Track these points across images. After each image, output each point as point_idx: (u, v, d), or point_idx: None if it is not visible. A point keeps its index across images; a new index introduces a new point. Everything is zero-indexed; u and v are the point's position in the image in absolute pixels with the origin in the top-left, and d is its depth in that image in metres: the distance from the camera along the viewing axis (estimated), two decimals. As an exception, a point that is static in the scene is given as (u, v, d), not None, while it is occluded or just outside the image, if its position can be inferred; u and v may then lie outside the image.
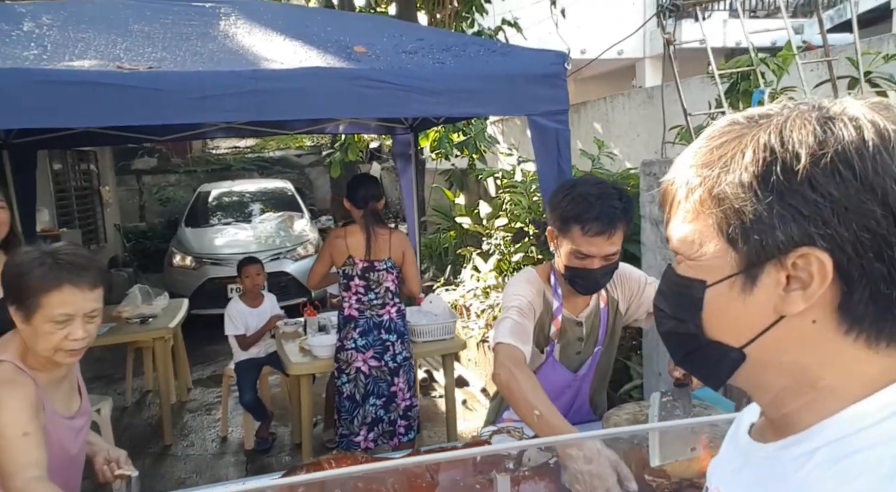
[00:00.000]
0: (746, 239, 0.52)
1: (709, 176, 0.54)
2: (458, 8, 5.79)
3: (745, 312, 0.55)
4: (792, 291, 0.52)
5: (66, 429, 1.50)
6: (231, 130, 4.64)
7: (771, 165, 0.51)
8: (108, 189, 9.09)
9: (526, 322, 1.66)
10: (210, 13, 2.75)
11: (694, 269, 0.57)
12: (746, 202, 0.52)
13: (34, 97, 1.90)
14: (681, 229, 0.58)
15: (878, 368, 0.53)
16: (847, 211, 0.49)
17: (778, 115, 0.53)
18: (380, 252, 3.06)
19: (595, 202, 1.54)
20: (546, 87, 2.45)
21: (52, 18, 2.46)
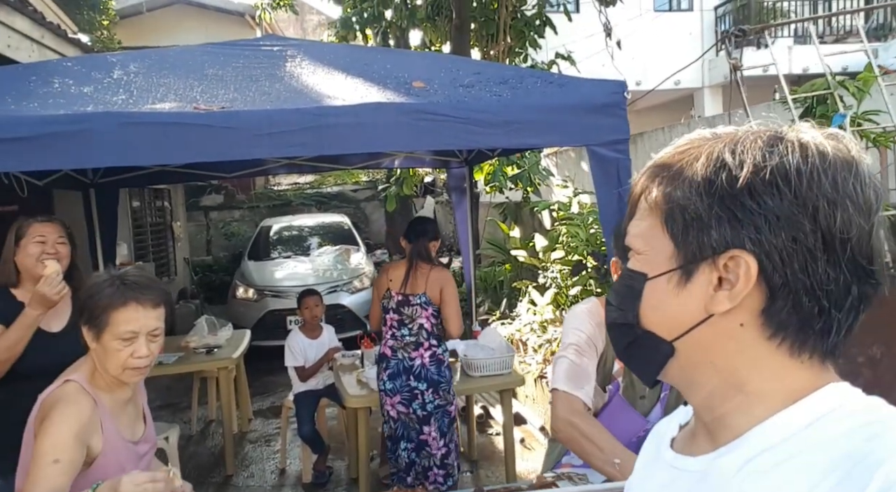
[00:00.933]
0: (686, 237, 0.57)
1: (664, 176, 0.59)
2: (511, 43, 5.89)
3: (677, 306, 0.58)
4: (721, 290, 0.55)
5: (129, 453, 1.56)
6: (292, 167, 4.84)
7: (718, 171, 0.55)
8: (179, 224, 9.57)
9: (585, 361, 1.57)
10: (277, 56, 2.90)
11: (640, 263, 0.62)
12: (690, 202, 0.56)
13: (121, 138, 2.04)
14: (635, 225, 0.62)
15: (805, 377, 0.56)
16: (779, 220, 0.53)
17: (734, 133, 0.58)
18: (416, 287, 2.99)
19: None
20: (606, 117, 2.43)
21: (139, 66, 2.66)
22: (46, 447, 1.36)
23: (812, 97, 2.90)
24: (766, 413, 0.55)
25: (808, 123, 0.59)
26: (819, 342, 0.55)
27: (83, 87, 2.30)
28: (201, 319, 4.42)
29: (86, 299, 1.51)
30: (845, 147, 0.56)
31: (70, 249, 2.21)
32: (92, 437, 1.45)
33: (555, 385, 1.54)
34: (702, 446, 0.60)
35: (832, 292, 0.54)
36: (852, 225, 0.53)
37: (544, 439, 4.21)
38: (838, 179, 0.53)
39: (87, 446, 1.44)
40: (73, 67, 2.54)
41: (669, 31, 10.38)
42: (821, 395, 0.55)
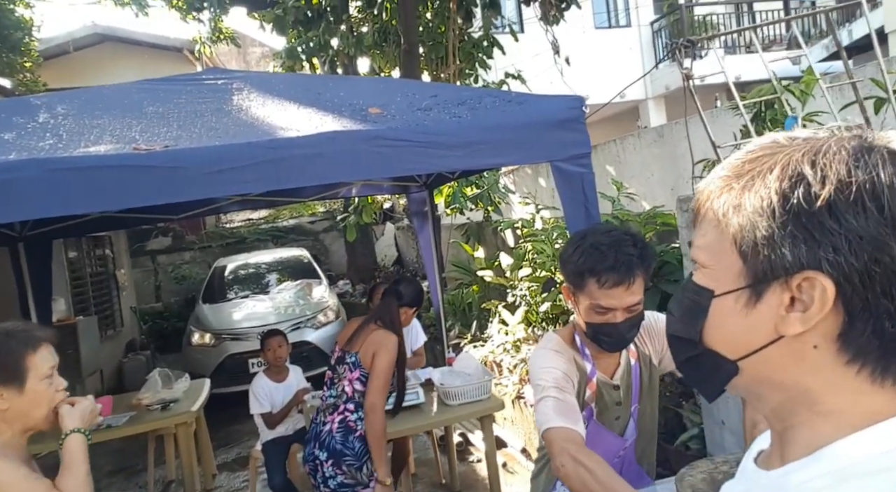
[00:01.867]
0: (756, 254, 0.53)
1: (734, 187, 0.55)
2: (461, 65, 5.89)
3: (745, 326, 0.55)
4: (793, 312, 0.52)
5: None
6: (245, 203, 4.64)
7: (795, 186, 0.51)
8: (124, 272, 9.12)
9: (568, 397, 1.50)
10: (223, 89, 2.75)
11: (706, 278, 0.58)
12: (762, 218, 0.52)
13: (49, 186, 1.86)
14: (700, 237, 0.59)
15: (885, 402, 0.52)
16: (862, 240, 0.49)
17: (817, 140, 0.54)
18: (354, 345, 2.62)
19: (608, 252, 1.45)
20: (566, 132, 2.39)
21: (67, 108, 2.47)
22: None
23: (760, 102, 2.96)
24: (837, 433, 0.52)
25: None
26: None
27: (3, 133, 2.10)
28: (154, 373, 4.12)
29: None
30: None
31: None
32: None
33: (549, 425, 1.44)
34: (774, 462, 0.58)
35: None
36: None
37: (527, 462, 4.10)
38: None
39: None
40: (-8, 113, 2.33)
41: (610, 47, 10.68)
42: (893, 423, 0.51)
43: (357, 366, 2.57)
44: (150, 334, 9.24)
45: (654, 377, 1.74)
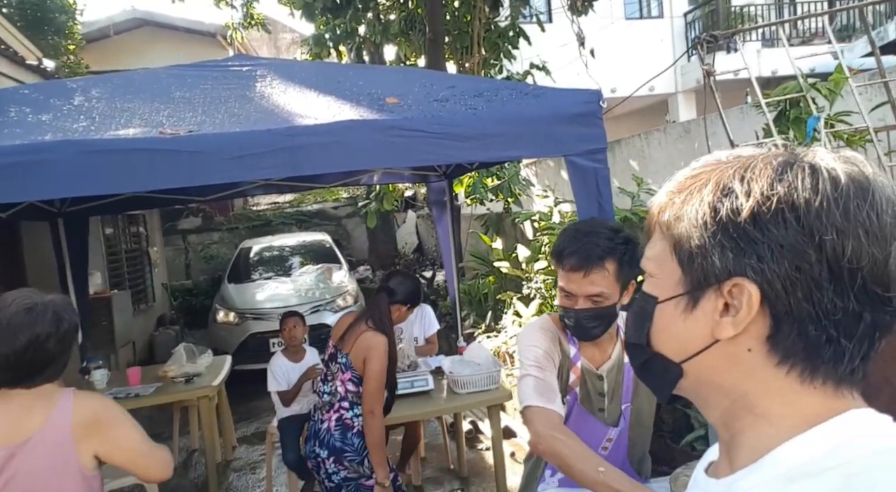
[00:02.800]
0: (691, 263, 0.57)
1: (675, 202, 0.59)
2: (485, 55, 5.89)
3: (684, 330, 0.59)
4: (726, 317, 0.55)
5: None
6: (270, 187, 4.76)
7: (724, 199, 0.55)
8: (156, 250, 9.39)
9: (547, 375, 1.56)
10: (247, 76, 2.84)
11: (652, 286, 0.63)
12: (695, 230, 0.56)
13: (82, 167, 1.96)
14: (650, 248, 0.63)
15: (818, 402, 0.55)
16: (782, 249, 0.52)
17: (750, 157, 0.58)
18: (346, 345, 2.57)
19: (580, 238, 1.50)
20: (582, 127, 2.41)
21: (101, 91, 2.58)
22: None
23: (785, 100, 2.92)
24: (779, 437, 0.55)
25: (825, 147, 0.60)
26: (831, 369, 0.54)
27: (41, 115, 2.22)
28: (179, 347, 4.29)
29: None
30: (861, 172, 0.54)
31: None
32: None
33: (527, 402, 1.52)
34: (723, 470, 0.60)
35: (840, 321, 0.53)
36: (863, 254, 0.51)
37: (536, 453, 4.15)
38: (850, 207, 0.52)
39: None
40: (30, 95, 2.45)
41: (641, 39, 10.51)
42: (840, 421, 0.54)
43: (348, 368, 2.54)
44: (179, 310, 9.51)
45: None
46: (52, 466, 1.48)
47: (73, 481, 1.51)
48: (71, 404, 1.52)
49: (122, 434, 1.61)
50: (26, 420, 1.48)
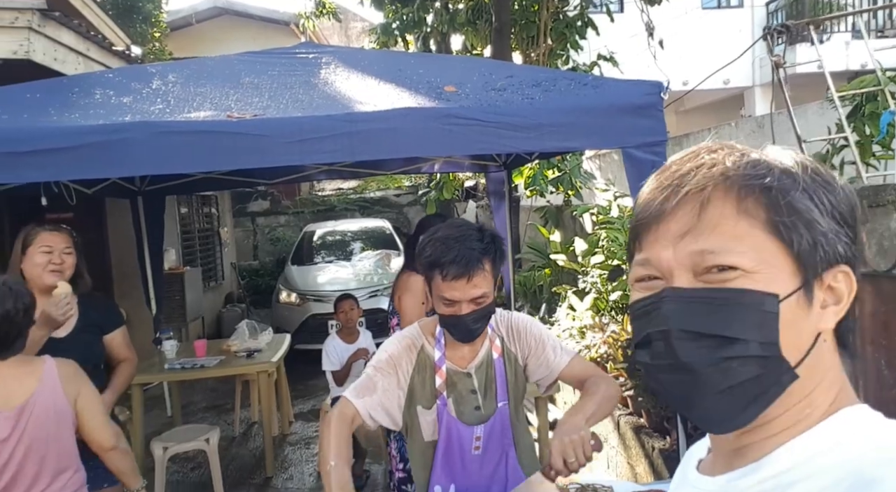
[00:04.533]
0: (814, 252, 0.53)
1: (764, 185, 0.53)
2: (552, 45, 5.80)
3: (805, 327, 0.53)
4: (828, 307, 0.53)
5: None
6: (333, 172, 4.90)
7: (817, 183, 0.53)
8: (227, 230, 9.84)
9: (378, 376, 1.61)
10: (312, 63, 2.93)
11: (754, 282, 0.53)
12: (815, 216, 0.52)
13: (156, 147, 2.09)
14: (731, 239, 0.53)
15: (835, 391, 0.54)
16: (855, 234, 0.54)
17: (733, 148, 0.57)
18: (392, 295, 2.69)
19: (454, 245, 1.48)
20: (641, 119, 2.35)
21: (177, 76, 2.73)
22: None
23: (861, 94, 2.73)
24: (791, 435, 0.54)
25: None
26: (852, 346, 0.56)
27: (122, 97, 2.37)
28: (242, 324, 4.51)
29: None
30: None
31: (76, 259, 2.23)
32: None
33: (346, 393, 1.62)
34: (720, 468, 0.58)
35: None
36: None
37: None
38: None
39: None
40: (114, 79, 2.62)
41: (718, 29, 10.04)
42: (838, 418, 0.53)
43: (395, 313, 2.60)
44: (246, 289, 9.95)
45: (521, 376, 1.72)
46: (54, 413, 1.76)
47: (67, 425, 1.80)
48: (54, 365, 1.81)
49: (91, 392, 1.88)
50: (20, 386, 1.72)
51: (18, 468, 1.70)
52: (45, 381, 1.76)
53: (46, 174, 2.12)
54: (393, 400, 1.60)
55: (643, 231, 0.59)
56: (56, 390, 1.77)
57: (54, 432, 1.76)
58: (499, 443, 1.68)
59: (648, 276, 0.58)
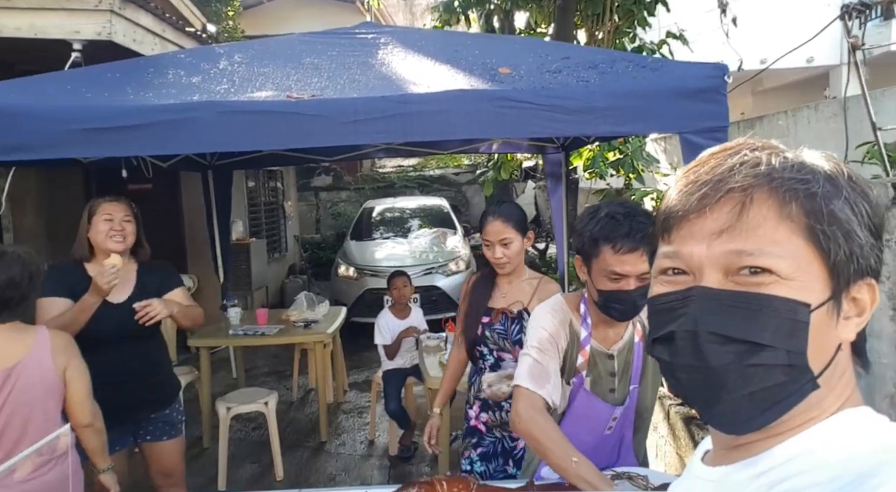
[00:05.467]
0: (849, 263, 0.52)
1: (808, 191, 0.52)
2: (619, 23, 5.62)
3: (831, 338, 0.53)
4: (852, 318, 0.54)
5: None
6: (391, 151, 4.98)
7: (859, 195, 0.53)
8: (291, 204, 10.19)
9: (546, 359, 1.59)
10: (371, 44, 2.98)
11: (788, 289, 0.52)
12: (854, 227, 0.52)
13: (220, 125, 2.20)
14: (769, 242, 0.52)
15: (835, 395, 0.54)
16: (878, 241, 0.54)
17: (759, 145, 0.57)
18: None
19: (623, 221, 1.50)
20: (701, 103, 2.27)
21: (243, 56, 2.84)
22: None
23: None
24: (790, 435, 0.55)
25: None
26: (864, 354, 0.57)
27: (192, 77, 2.50)
28: (301, 295, 4.72)
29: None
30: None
31: (135, 227, 2.38)
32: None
33: (518, 382, 1.58)
34: (721, 460, 0.60)
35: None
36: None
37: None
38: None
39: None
40: (185, 59, 2.76)
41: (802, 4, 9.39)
42: (840, 418, 0.54)
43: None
44: (308, 261, 10.31)
45: (657, 363, 1.68)
46: (41, 380, 1.83)
47: (53, 392, 1.87)
48: (47, 334, 1.89)
49: (80, 366, 1.94)
50: (12, 349, 1.81)
51: (2, 427, 1.76)
52: (36, 348, 1.84)
53: (123, 149, 2.27)
54: (559, 377, 1.62)
55: (675, 223, 0.57)
56: (45, 358, 1.84)
57: (41, 399, 1.83)
58: (624, 426, 1.70)
59: (675, 268, 0.58)
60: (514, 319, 2.26)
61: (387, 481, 3.89)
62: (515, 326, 2.26)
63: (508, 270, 2.25)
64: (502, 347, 2.29)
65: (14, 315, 1.85)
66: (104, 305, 2.23)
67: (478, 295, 2.38)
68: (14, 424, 1.78)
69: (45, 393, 1.85)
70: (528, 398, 1.54)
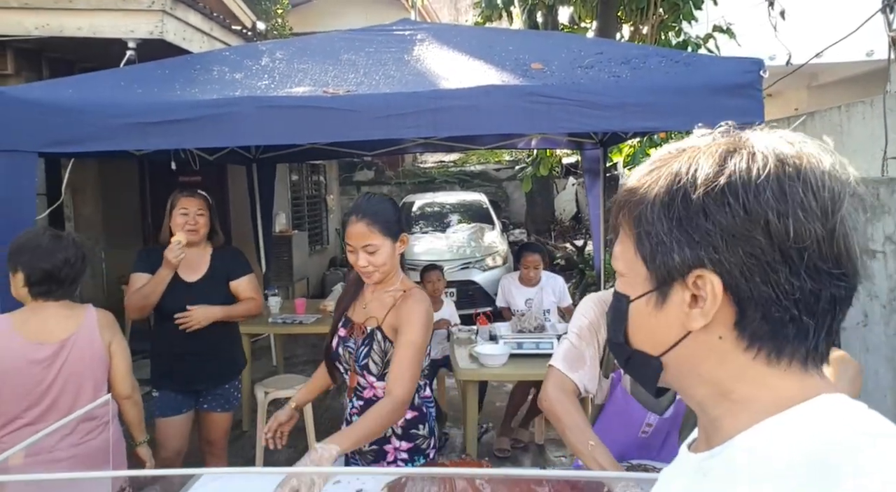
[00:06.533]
0: (654, 260, 0.58)
1: (632, 201, 0.60)
2: (663, 17, 5.51)
3: (658, 325, 0.61)
4: (695, 308, 0.57)
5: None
6: (430, 145, 5.04)
7: (675, 193, 0.56)
8: (332, 197, 10.40)
9: (583, 345, 1.62)
10: (408, 40, 3.04)
11: (623, 284, 0.64)
12: (653, 226, 0.57)
13: (260, 120, 2.31)
14: (616, 248, 0.64)
15: (789, 386, 0.56)
16: (734, 238, 0.54)
17: (693, 150, 0.58)
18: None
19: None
20: (735, 98, 2.24)
21: (284, 53, 2.95)
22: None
23: None
24: (751, 420, 0.56)
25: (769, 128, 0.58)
26: (798, 348, 0.56)
27: (235, 73, 2.62)
28: (338, 286, 4.84)
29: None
30: (796, 152, 0.55)
31: (208, 219, 2.65)
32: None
33: (553, 362, 1.62)
34: (701, 446, 0.63)
35: (800, 300, 0.54)
36: (806, 233, 0.52)
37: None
38: (785, 188, 0.53)
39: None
40: (230, 56, 2.88)
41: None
42: (811, 405, 0.55)
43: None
44: (349, 255, 10.47)
45: None
46: (90, 353, 1.99)
47: (102, 365, 2.03)
48: (94, 312, 2.05)
49: (122, 342, 2.10)
50: (63, 324, 1.97)
51: (58, 395, 1.92)
52: (85, 324, 2.00)
53: (171, 142, 2.41)
54: (597, 367, 1.63)
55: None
56: (93, 333, 2.01)
57: (90, 369, 1.99)
58: (667, 429, 1.67)
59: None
60: (364, 338, 1.86)
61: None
62: (364, 347, 1.85)
63: (376, 280, 1.86)
64: (349, 368, 1.91)
65: (67, 293, 2.02)
66: (180, 283, 2.56)
67: (344, 300, 2.02)
68: (68, 391, 1.95)
69: (95, 364, 2.01)
70: (558, 379, 1.58)
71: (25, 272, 1.92)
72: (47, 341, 1.93)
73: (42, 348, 1.92)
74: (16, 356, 1.88)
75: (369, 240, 1.78)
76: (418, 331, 1.73)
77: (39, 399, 1.91)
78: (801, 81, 9.41)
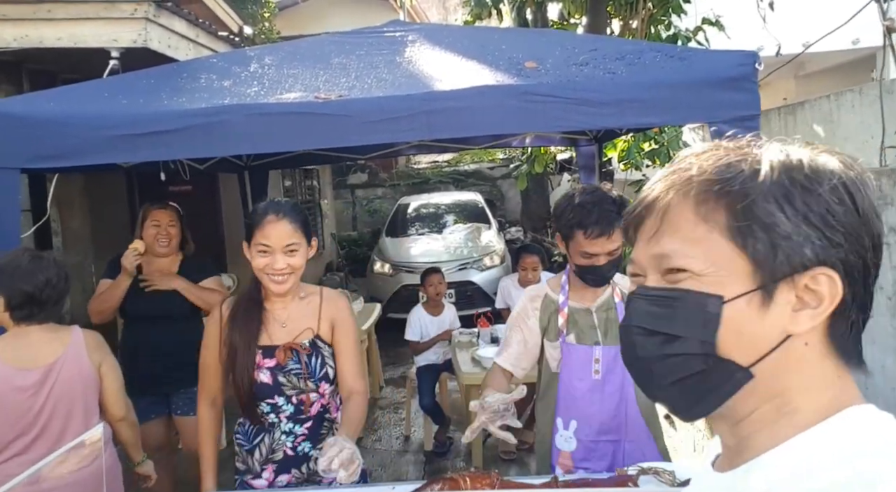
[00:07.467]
0: (773, 255, 0.53)
1: (721, 189, 0.55)
2: (653, 11, 5.49)
3: (760, 329, 0.54)
4: (801, 310, 0.53)
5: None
6: (423, 147, 4.99)
7: (794, 184, 0.53)
8: (327, 202, 10.34)
9: (510, 332, 1.99)
10: (399, 42, 2.99)
11: (703, 283, 0.56)
12: (775, 219, 0.53)
13: (250, 128, 2.26)
14: (677, 243, 0.57)
15: (837, 394, 0.54)
16: (853, 236, 0.52)
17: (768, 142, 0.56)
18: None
19: (593, 209, 1.73)
20: (731, 92, 2.21)
21: (273, 59, 2.90)
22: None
23: None
24: (788, 433, 0.54)
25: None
26: (853, 351, 0.55)
27: (224, 81, 2.56)
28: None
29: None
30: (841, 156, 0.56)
31: (179, 230, 2.78)
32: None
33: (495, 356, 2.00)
34: (725, 465, 0.60)
35: (871, 303, 0.54)
36: (879, 236, 0.54)
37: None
38: (866, 191, 0.54)
39: None
40: (217, 63, 2.83)
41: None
42: (847, 415, 0.53)
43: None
44: (345, 258, 10.44)
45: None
46: (80, 375, 1.95)
47: (93, 387, 2.00)
48: (80, 333, 2.00)
49: (112, 363, 2.08)
50: (48, 348, 1.91)
51: (47, 421, 1.86)
52: (72, 346, 1.95)
53: (159, 154, 2.35)
54: (531, 345, 1.94)
55: (632, 229, 0.63)
56: (81, 355, 1.96)
57: (80, 393, 1.94)
58: (619, 378, 1.85)
59: (634, 273, 0.63)
60: (309, 354, 1.77)
61: (422, 476, 3.92)
62: (317, 359, 1.77)
63: (289, 286, 1.74)
64: (304, 389, 1.77)
65: (50, 316, 1.95)
66: (151, 291, 2.69)
67: (243, 333, 1.77)
68: (57, 416, 1.89)
69: (85, 387, 1.96)
70: (493, 367, 1.96)
71: (6, 296, 1.85)
72: (33, 367, 1.86)
73: (28, 375, 1.85)
74: (0, 385, 1.81)
75: (293, 239, 1.72)
76: (352, 326, 1.88)
77: (28, 428, 1.84)
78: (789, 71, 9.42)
